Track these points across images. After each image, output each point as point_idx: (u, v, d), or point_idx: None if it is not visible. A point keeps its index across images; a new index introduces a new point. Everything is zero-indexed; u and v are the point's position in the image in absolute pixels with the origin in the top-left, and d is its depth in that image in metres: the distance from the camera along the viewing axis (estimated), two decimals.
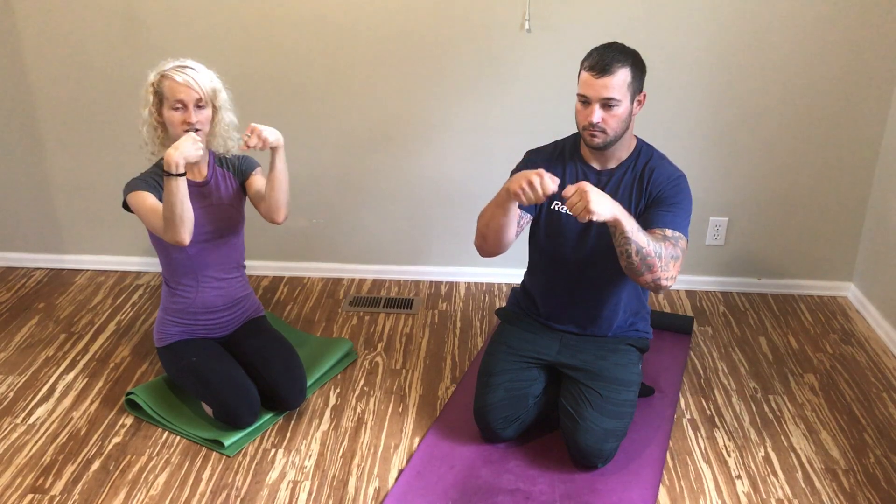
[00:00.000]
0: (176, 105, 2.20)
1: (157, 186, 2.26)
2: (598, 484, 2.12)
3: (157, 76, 2.22)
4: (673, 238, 2.04)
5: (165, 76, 2.20)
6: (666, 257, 1.98)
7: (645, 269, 1.97)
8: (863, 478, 2.18)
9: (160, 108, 2.24)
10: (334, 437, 2.32)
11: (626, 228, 1.91)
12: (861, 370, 2.71)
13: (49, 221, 3.31)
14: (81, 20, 2.94)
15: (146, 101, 2.24)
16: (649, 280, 2.00)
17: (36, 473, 2.15)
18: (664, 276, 1.99)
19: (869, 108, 2.96)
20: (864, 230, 3.14)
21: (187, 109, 2.20)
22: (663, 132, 2.91)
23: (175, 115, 2.21)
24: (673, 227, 2.06)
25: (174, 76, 2.19)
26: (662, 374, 2.62)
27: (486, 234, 2.14)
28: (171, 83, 2.19)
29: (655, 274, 1.98)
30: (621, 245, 1.96)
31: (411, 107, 3.05)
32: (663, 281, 2.00)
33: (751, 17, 2.84)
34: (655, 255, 1.96)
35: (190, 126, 2.21)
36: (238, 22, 2.92)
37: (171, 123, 2.23)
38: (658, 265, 1.97)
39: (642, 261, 1.95)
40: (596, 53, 2.05)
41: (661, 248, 1.97)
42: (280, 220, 2.36)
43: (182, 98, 2.19)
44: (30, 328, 2.90)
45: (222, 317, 2.45)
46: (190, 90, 2.19)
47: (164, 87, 2.20)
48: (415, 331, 2.93)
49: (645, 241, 1.95)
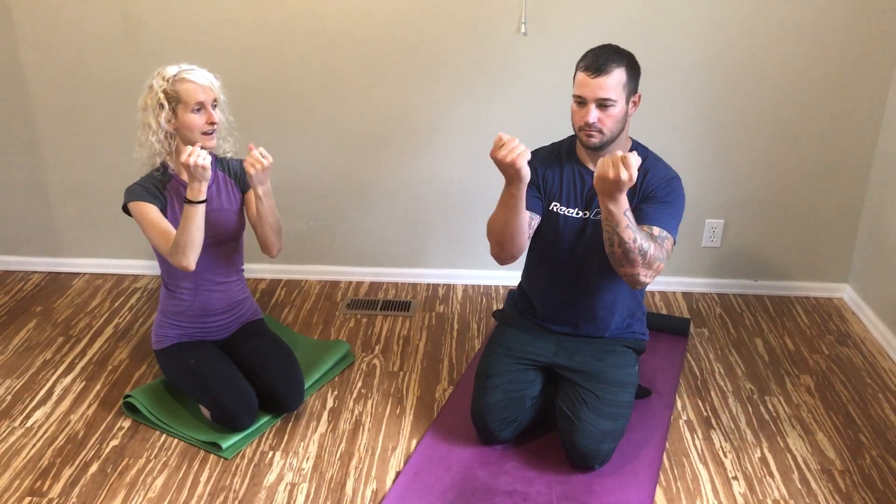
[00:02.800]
0: (196, 107, 2.17)
1: (160, 196, 2.24)
2: (595, 485, 2.12)
3: (167, 81, 2.17)
4: (659, 238, 2.04)
5: (181, 79, 2.16)
6: (650, 257, 1.98)
7: (626, 262, 1.98)
8: (859, 479, 2.19)
9: (175, 113, 2.19)
10: (332, 439, 2.33)
11: (621, 224, 1.92)
12: (857, 371, 2.72)
13: (47, 225, 3.31)
14: (79, 24, 2.94)
15: (157, 108, 2.17)
16: (627, 273, 2.01)
17: (34, 476, 2.15)
18: (643, 272, 2.00)
19: (864, 110, 2.97)
20: (860, 232, 3.15)
21: (207, 110, 2.19)
22: (659, 134, 2.92)
23: (195, 117, 2.18)
24: (661, 224, 2.07)
25: (192, 78, 2.16)
26: (659, 376, 2.63)
27: (501, 241, 2.12)
28: (190, 85, 2.16)
29: (635, 269, 1.99)
30: (608, 233, 1.97)
31: (409, 109, 3.05)
32: (641, 277, 2.01)
33: (747, 19, 2.85)
34: (639, 252, 1.96)
35: (213, 126, 2.20)
36: (236, 25, 2.93)
37: (191, 127, 2.18)
38: (639, 262, 1.98)
39: (624, 254, 1.96)
40: (591, 54, 2.06)
41: (647, 246, 1.98)
42: (273, 255, 2.40)
43: (202, 99, 2.17)
44: (27, 331, 2.90)
45: (221, 320, 2.45)
46: (209, 90, 2.19)
47: (179, 91, 2.16)
48: (412, 333, 2.93)
49: (633, 237, 1.95)
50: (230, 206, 2.38)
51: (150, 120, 2.19)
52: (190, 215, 2.11)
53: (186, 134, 2.20)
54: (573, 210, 2.20)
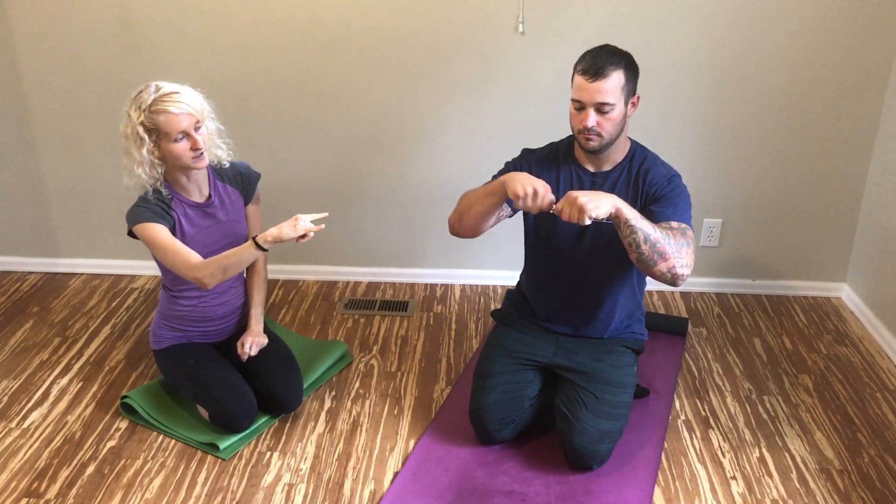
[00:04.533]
0: (178, 137, 2.09)
1: (167, 216, 2.18)
2: (594, 485, 2.12)
3: (143, 112, 2.06)
4: (680, 229, 2.04)
5: (157, 110, 2.06)
6: (676, 244, 1.97)
7: (657, 257, 1.95)
8: (857, 478, 2.19)
9: (158, 145, 2.11)
10: (330, 439, 2.32)
11: (628, 216, 1.91)
12: (855, 371, 2.72)
13: (43, 225, 3.30)
14: (76, 24, 2.93)
15: (138, 141, 2.08)
16: (664, 270, 1.97)
17: (31, 477, 2.14)
18: (678, 263, 1.97)
19: (862, 109, 2.97)
20: (858, 231, 3.15)
21: (191, 137, 2.11)
22: (658, 134, 2.92)
23: (179, 146, 2.10)
24: (676, 218, 2.06)
25: (169, 108, 2.06)
26: (657, 376, 2.62)
27: (464, 216, 2.16)
28: (168, 116, 2.06)
29: (669, 262, 1.96)
30: (627, 236, 1.95)
31: (406, 109, 3.05)
32: (678, 269, 1.98)
33: (745, 18, 2.85)
34: (665, 241, 1.95)
35: (198, 151, 2.12)
36: (232, 26, 2.92)
37: (177, 156, 2.11)
38: (670, 252, 1.95)
39: (652, 248, 1.94)
40: (589, 57, 2.04)
41: (669, 235, 1.97)
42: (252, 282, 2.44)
43: (184, 128, 2.09)
44: (24, 332, 2.89)
45: (220, 324, 2.44)
46: (190, 116, 2.09)
47: (158, 123, 2.06)
48: (410, 333, 2.93)
49: (651, 227, 1.94)
50: (236, 217, 2.36)
51: (132, 151, 2.11)
52: (248, 255, 2.10)
53: (173, 162, 2.14)
54: None
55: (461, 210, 2.17)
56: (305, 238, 2.07)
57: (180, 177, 2.23)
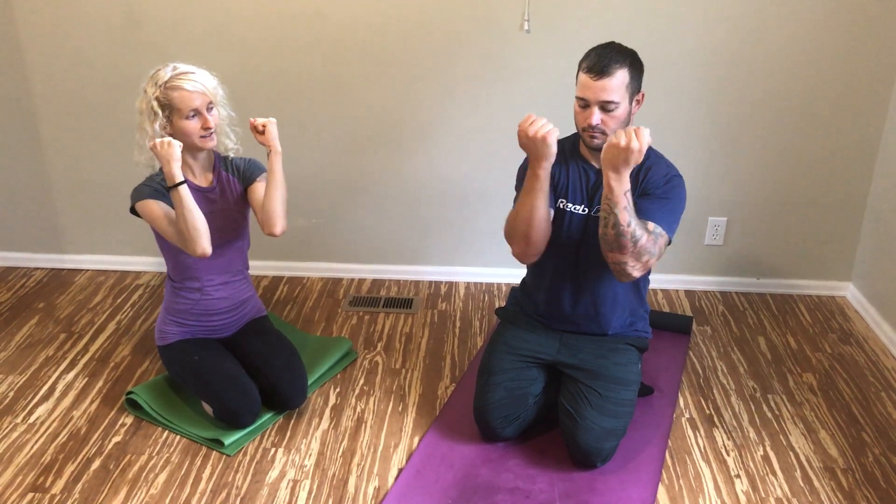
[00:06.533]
0: (190, 114, 2.15)
1: (166, 192, 2.21)
2: (598, 483, 2.12)
3: (159, 88, 2.14)
4: (654, 233, 2.03)
5: (172, 87, 2.13)
6: (641, 247, 1.97)
7: (616, 246, 1.97)
8: (861, 477, 2.19)
9: (170, 120, 2.17)
10: (334, 436, 2.33)
11: (619, 203, 1.92)
12: (860, 370, 2.71)
13: (49, 221, 3.31)
14: (81, 19, 2.94)
15: (152, 115, 2.15)
16: (616, 260, 1.99)
17: (36, 472, 2.15)
18: (631, 262, 1.98)
19: (868, 107, 2.96)
20: (863, 230, 3.15)
21: (202, 115, 2.17)
22: (662, 131, 2.90)
23: (190, 123, 2.16)
24: (656, 221, 2.05)
25: (183, 85, 2.13)
26: (661, 374, 2.62)
27: (528, 232, 2.11)
28: (182, 93, 2.13)
29: (624, 257, 1.97)
30: (605, 212, 1.96)
31: (411, 106, 3.05)
32: (628, 268, 1.99)
33: (750, 16, 2.85)
34: (631, 239, 1.95)
35: (209, 130, 2.18)
36: (237, 22, 2.93)
37: (188, 133, 2.17)
38: (629, 249, 1.96)
39: (616, 237, 1.95)
40: (594, 54, 2.04)
41: (640, 234, 1.96)
42: (277, 231, 2.26)
43: (196, 106, 2.15)
44: (30, 328, 2.90)
45: (225, 319, 2.45)
46: (203, 95, 2.16)
47: (172, 98, 2.14)
48: (414, 330, 2.93)
49: (628, 220, 1.94)
50: (235, 205, 2.37)
51: (145, 126, 2.18)
52: (176, 201, 2.10)
53: (183, 139, 2.18)
54: (579, 207, 2.19)
55: (520, 230, 2.12)
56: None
57: (186, 157, 2.25)
